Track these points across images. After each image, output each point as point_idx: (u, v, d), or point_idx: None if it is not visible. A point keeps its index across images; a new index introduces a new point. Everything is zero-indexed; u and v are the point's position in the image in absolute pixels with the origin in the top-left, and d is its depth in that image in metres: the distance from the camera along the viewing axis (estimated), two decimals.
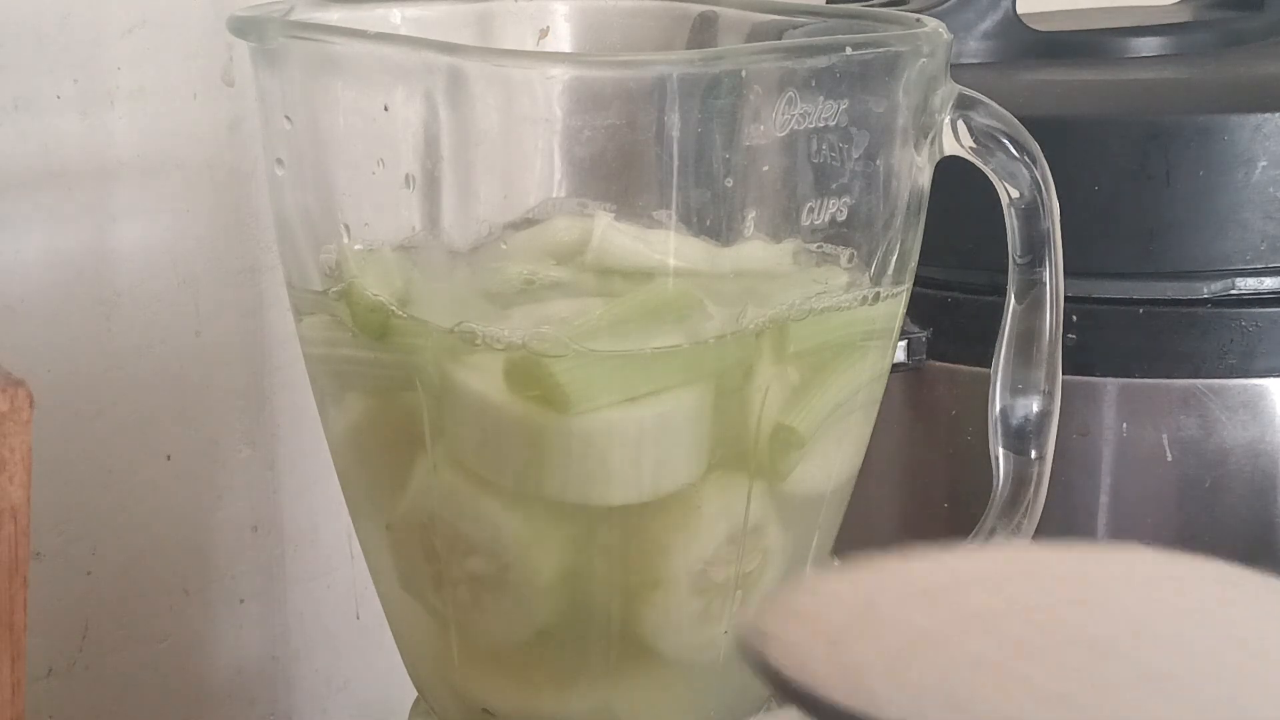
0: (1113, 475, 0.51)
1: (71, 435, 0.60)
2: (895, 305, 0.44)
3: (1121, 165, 0.50)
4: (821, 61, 0.40)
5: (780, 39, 0.46)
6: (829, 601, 0.25)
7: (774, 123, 0.40)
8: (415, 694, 0.47)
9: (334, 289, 0.42)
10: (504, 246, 0.42)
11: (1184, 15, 0.61)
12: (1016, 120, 0.43)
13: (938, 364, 0.52)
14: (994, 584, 0.25)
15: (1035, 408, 0.45)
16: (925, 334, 0.52)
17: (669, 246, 0.39)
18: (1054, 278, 0.43)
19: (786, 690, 0.24)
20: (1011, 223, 0.43)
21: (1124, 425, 0.51)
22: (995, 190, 0.43)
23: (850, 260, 0.42)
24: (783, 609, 0.25)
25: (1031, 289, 0.44)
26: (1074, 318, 0.49)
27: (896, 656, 0.23)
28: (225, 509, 0.64)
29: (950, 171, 0.43)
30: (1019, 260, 0.44)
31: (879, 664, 0.23)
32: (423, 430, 0.41)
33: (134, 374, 0.61)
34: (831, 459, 0.43)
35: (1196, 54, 0.57)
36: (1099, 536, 0.52)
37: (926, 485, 0.54)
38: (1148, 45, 0.57)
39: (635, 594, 0.42)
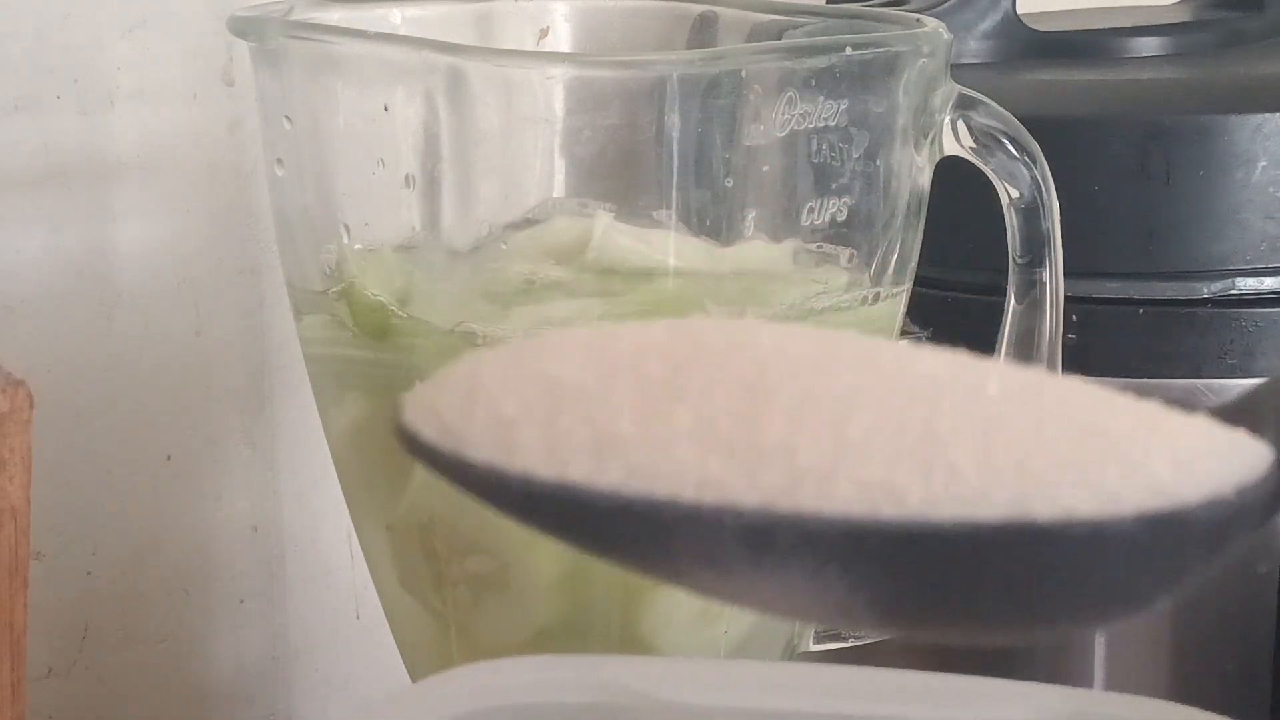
0: None
1: (71, 435, 0.60)
2: (895, 305, 0.44)
3: (1121, 165, 0.50)
4: (821, 61, 0.40)
5: (780, 39, 0.46)
6: (477, 364, 0.23)
7: (774, 123, 0.39)
8: None
9: (334, 289, 0.42)
10: (504, 246, 0.42)
11: (1184, 15, 0.61)
12: (1016, 120, 0.43)
13: None
14: (647, 340, 0.23)
15: None
16: (925, 334, 0.52)
17: (669, 247, 0.39)
18: (1054, 278, 0.43)
19: (425, 454, 0.22)
20: (1011, 223, 0.43)
21: None
22: (995, 190, 0.43)
23: (850, 260, 0.42)
24: (434, 381, 0.23)
25: (1031, 289, 0.44)
26: (1074, 318, 0.49)
27: (542, 408, 0.21)
28: (225, 509, 0.64)
29: (950, 171, 0.43)
30: (1019, 260, 0.44)
31: (524, 418, 0.21)
32: None
33: (134, 374, 0.61)
34: None
35: (1196, 54, 0.57)
36: None
37: None
38: (1148, 45, 0.57)
39: (635, 594, 0.42)
